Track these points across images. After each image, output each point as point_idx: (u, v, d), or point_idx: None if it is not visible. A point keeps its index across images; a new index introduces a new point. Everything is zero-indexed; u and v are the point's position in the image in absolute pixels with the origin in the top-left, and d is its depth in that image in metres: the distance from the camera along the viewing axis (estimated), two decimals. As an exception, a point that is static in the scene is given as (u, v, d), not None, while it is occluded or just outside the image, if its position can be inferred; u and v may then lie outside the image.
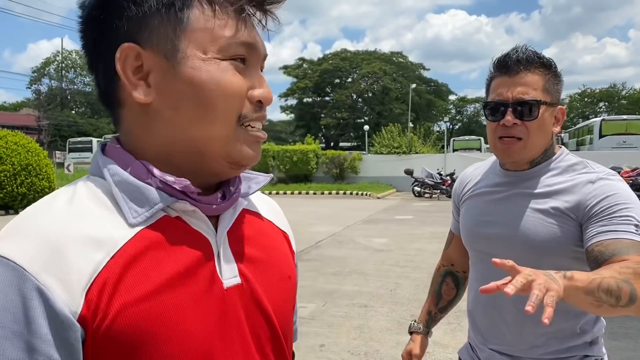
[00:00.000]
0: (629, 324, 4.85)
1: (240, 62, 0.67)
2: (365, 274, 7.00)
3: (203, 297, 0.66)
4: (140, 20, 0.64)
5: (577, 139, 31.13)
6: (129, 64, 0.65)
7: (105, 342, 0.58)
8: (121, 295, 0.59)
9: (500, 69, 1.41)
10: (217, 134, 0.67)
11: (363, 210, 15.39)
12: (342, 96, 50.59)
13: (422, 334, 1.73)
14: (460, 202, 1.63)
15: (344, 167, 25.09)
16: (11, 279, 0.55)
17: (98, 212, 0.64)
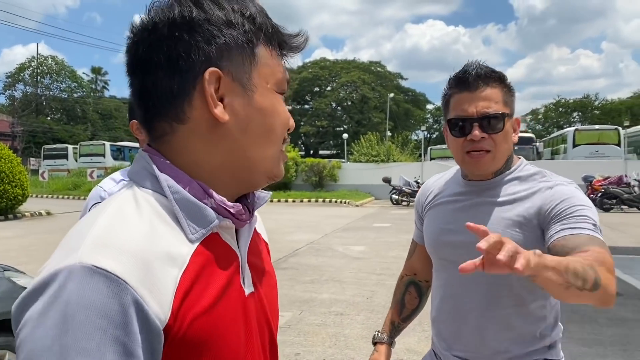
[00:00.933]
0: (598, 330, 4.95)
1: (282, 96, 0.78)
2: (342, 282, 7.02)
3: (237, 305, 0.73)
4: (224, 49, 0.71)
5: (552, 148, 31.72)
6: (211, 87, 0.71)
7: (176, 348, 0.64)
8: (191, 307, 0.65)
9: (460, 86, 1.45)
10: (270, 154, 0.77)
11: (342, 218, 15.44)
12: (322, 104, 50.82)
13: (385, 343, 1.74)
14: (424, 212, 1.66)
15: (323, 175, 25.15)
16: (114, 290, 0.58)
17: (164, 229, 0.68)
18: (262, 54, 0.74)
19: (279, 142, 0.77)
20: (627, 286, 6.74)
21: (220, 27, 0.71)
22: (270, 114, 0.75)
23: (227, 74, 0.71)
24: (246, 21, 0.72)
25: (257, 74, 0.74)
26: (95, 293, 0.57)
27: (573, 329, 4.99)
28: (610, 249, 4.87)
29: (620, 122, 35.44)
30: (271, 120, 0.75)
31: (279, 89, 0.77)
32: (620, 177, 18.12)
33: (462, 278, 1.48)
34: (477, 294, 1.45)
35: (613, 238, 11.29)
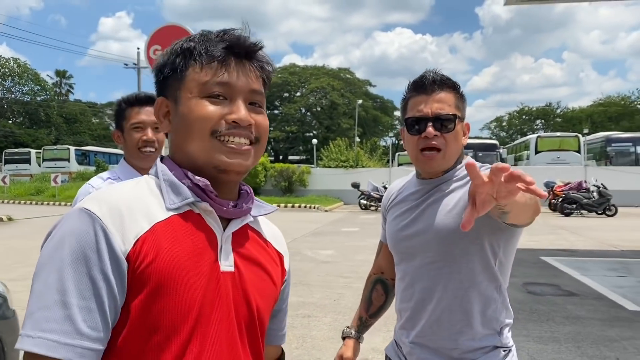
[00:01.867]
0: (555, 329, 5.17)
1: (218, 98, 0.94)
2: (310, 285, 7.10)
3: (204, 271, 0.90)
4: (163, 82, 0.99)
5: (515, 155, 32.52)
6: (161, 110, 1.00)
7: (138, 279, 0.85)
8: (151, 253, 0.86)
9: (417, 89, 1.58)
10: (197, 147, 0.94)
11: (311, 223, 15.53)
12: (291, 110, 50.94)
13: (353, 338, 1.84)
14: (387, 212, 1.78)
15: (292, 180, 25.23)
16: (90, 221, 0.84)
17: (149, 197, 0.93)
18: (189, 73, 0.95)
19: (200, 135, 0.93)
20: (583, 287, 7.03)
21: (160, 69, 0.99)
22: (188, 116, 0.94)
23: (170, 98, 0.98)
24: (174, 56, 0.97)
25: (184, 90, 0.95)
26: (79, 223, 0.84)
27: (531, 328, 5.19)
28: (569, 252, 5.18)
29: (580, 130, 36.61)
30: (188, 121, 0.94)
31: (202, 93, 0.94)
32: (580, 183, 18.76)
33: (418, 265, 1.59)
34: (431, 280, 1.56)
35: (572, 241, 11.70)
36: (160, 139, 2.09)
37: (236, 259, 0.96)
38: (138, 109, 2.06)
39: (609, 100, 57.20)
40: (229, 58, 0.95)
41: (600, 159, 27.85)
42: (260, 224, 1.09)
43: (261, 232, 1.07)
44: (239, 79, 0.95)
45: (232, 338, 0.92)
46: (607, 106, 55.65)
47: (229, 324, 0.92)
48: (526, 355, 4.44)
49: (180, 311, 0.86)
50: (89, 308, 0.80)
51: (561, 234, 13.17)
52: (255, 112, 0.98)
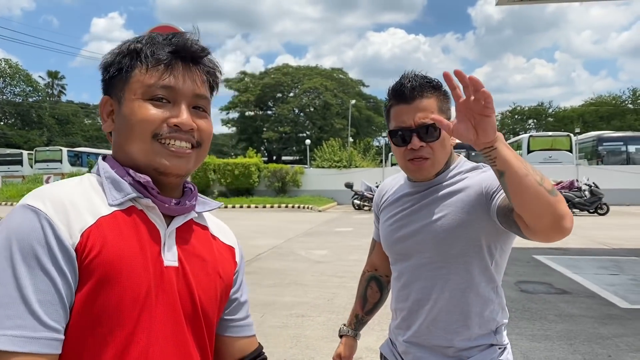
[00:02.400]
0: (547, 326, 5.20)
1: (161, 101, 0.96)
2: (304, 285, 7.10)
3: (148, 265, 0.92)
4: (109, 81, 1.00)
5: (508, 154, 32.60)
6: (105, 109, 1.01)
7: (84, 272, 0.86)
8: (97, 246, 0.87)
9: (397, 98, 1.54)
10: (138, 148, 0.96)
11: (304, 223, 15.53)
12: (284, 110, 50.88)
13: (350, 336, 1.85)
14: (379, 211, 1.78)
15: (286, 180, 25.22)
16: (35, 216, 0.85)
17: (92, 193, 0.94)
18: (134, 74, 0.97)
19: (141, 137, 0.95)
20: (575, 285, 7.07)
21: (106, 68, 1.00)
22: (129, 117, 0.96)
23: (114, 97, 1.00)
24: (120, 57, 0.99)
25: (128, 90, 0.97)
26: (24, 219, 0.85)
27: (524, 326, 5.22)
28: (561, 250, 5.20)
29: (572, 129, 36.80)
30: (130, 122, 0.96)
31: (146, 95, 0.96)
32: (572, 182, 18.86)
33: (414, 266, 1.59)
34: (428, 280, 1.56)
35: (565, 240, 11.68)
36: None
37: (180, 254, 0.97)
38: None
39: (601, 100, 57.56)
40: (176, 62, 0.97)
41: (591, 158, 28.04)
42: (206, 219, 1.11)
43: (208, 227, 1.10)
44: (184, 83, 0.97)
45: (179, 331, 0.94)
46: (599, 106, 56.00)
47: (175, 318, 0.94)
48: (519, 354, 4.46)
49: (124, 304, 0.88)
50: (49, 300, 0.82)
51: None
52: (199, 117, 1.00)
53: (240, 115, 54.05)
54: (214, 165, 25.29)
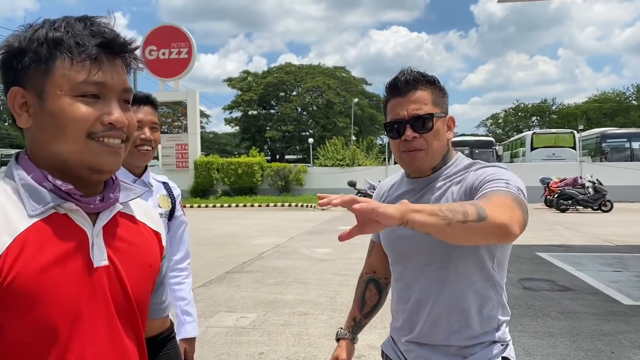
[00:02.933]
0: (550, 323, 5.19)
1: (91, 97, 0.90)
2: (306, 283, 7.11)
3: (77, 272, 0.89)
4: (21, 71, 0.90)
5: (511, 152, 32.60)
6: (17, 101, 0.91)
7: (3, 294, 0.82)
8: (17, 266, 0.83)
9: (392, 92, 1.57)
10: (71, 148, 0.90)
11: (307, 222, 15.55)
12: (287, 109, 50.87)
13: (348, 339, 1.82)
14: None
15: (289, 179, 25.24)
16: None
17: (7, 205, 0.87)
18: (56, 67, 0.89)
19: (74, 137, 0.90)
20: (578, 282, 7.06)
21: (15, 55, 0.90)
22: (59, 115, 0.89)
23: (29, 89, 0.90)
24: (37, 44, 0.89)
25: (51, 84, 0.89)
26: None
27: (526, 323, 5.22)
28: (565, 247, 5.19)
29: (576, 126, 36.70)
30: (60, 121, 0.89)
31: (75, 92, 0.89)
32: (576, 179, 18.82)
33: (414, 267, 1.59)
34: (428, 282, 1.56)
35: (568, 237, 11.75)
36: (157, 138, 2.10)
37: (109, 252, 0.95)
38: (136, 108, 2.05)
39: (604, 97, 57.38)
40: (102, 55, 0.91)
41: (595, 155, 27.95)
42: (131, 206, 1.08)
43: (133, 215, 1.07)
44: (112, 78, 0.92)
45: (112, 330, 0.94)
46: (602, 102, 55.83)
47: (108, 317, 0.94)
48: (522, 350, 4.46)
49: (54, 319, 0.86)
50: None
51: (557, 229, 13.22)
52: (125, 110, 0.96)
53: (243, 114, 54.08)
54: (217, 164, 25.32)
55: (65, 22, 0.91)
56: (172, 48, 25.30)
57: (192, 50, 25.38)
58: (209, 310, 5.82)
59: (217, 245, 10.78)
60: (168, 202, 2.20)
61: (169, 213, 2.19)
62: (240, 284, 7.18)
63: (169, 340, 1.20)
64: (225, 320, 5.43)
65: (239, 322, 5.34)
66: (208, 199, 24.33)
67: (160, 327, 1.18)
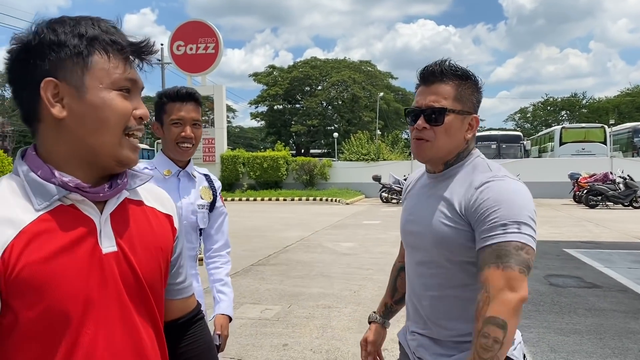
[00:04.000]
0: (577, 320, 5.13)
1: (125, 92, 0.96)
2: (330, 277, 7.16)
3: (85, 259, 0.93)
4: (57, 62, 0.92)
5: (539, 146, 32.04)
6: (49, 91, 0.92)
7: (13, 286, 0.87)
8: (24, 257, 0.87)
9: (421, 79, 1.59)
10: (107, 140, 0.95)
11: (332, 216, 15.58)
12: (313, 103, 50.85)
13: (378, 323, 1.89)
14: (404, 202, 1.81)
15: (314, 173, 25.27)
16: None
17: (13, 201, 0.91)
18: (97, 61, 0.94)
19: (114, 131, 0.96)
20: (607, 279, 6.95)
21: (51, 47, 0.92)
22: (102, 108, 0.94)
23: (64, 80, 0.93)
24: (77, 39, 0.93)
25: (90, 77, 0.93)
26: None
27: (552, 320, 5.17)
28: (593, 243, 5.15)
29: (607, 121, 35.84)
30: (103, 114, 0.94)
31: (115, 86, 0.95)
32: (606, 174, 18.39)
33: (417, 262, 1.62)
34: (428, 276, 1.58)
35: (597, 233, 11.53)
36: (198, 135, 2.13)
37: (117, 237, 0.98)
38: (179, 105, 2.08)
39: (637, 90, 55.70)
40: (132, 55, 0.98)
41: (626, 150, 27.29)
42: (139, 192, 1.10)
43: (142, 200, 1.09)
44: (139, 76, 1.00)
45: (125, 313, 0.98)
46: (635, 96, 54.23)
47: (120, 301, 0.97)
48: (546, 347, 4.43)
49: (65, 305, 0.90)
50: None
51: (585, 225, 12.98)
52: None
53: (269, 108, 54.25)
54: (243, 158, 25.51)
55: (96, 22, 0.96)
56: (199, 43, 25.52)
57: (219, 45, 25.57)
58: (235, 302, 5.84)
59: (243, 238, 10.91)
60: (210, 193, 2.24)
61: (210, 204, 2.24)
62: (265, 277, 7.28)
63: (192, 323, 1.21)
64: (250, 312, 5.52)
65: (263, 314, 5.43)
66: (234, 192, 24.57)
67: (183, 309, 1.19)
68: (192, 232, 2.16)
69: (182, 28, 26.00)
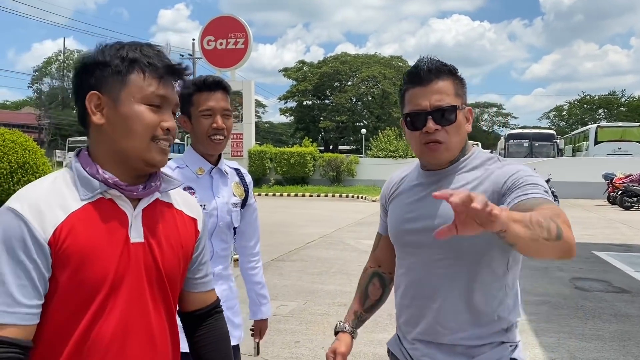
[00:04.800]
0: (600, 326, 4.96)
1: (154, 106, 1.15)
2: (349, 274, 7.10)
3: (116, 245, 1.12)
4: (102, 78, 1.14)
5: (574, 145, 31.21)
6: (93, 102, 1.14)
7: (59, 259, 1.07)
8: (69, 237, 1.07)
9: (413, 81, 1.51)
10: (135, 145, 1.14)
11: (357, 213, 15.51)
12: (342, 99, 50.70)
13: (347, 332, 1.78)
14: (387, 204, 1.73)
15: (340, 169, 25.21)
16: (14, 217, 1.06)
17: (64, 190, 1.12)
18: (132, 79, 1.13)
19: (142, 138, 1.14)
20: (636, 283, 6.71)
21: (98, 66, 1.14)
22: (131, 118, 1.13)
23: (105, 93, 1.14)
24: (118, 60, 1.13)
25: (126, 92, 1.13)
26: (6, 220, 1.06)
27: (574, 324, 5.01)
28: (625, 247, 4.95)
29: (646, 120, 34.62)
30: (131, 123, 1.13)
31: (145, 101, 1.14)
32: (642, 175, 17.78)
33: (424, 262, 1.54)
34: (438, 276, 1.51)
35: (630, 236, 11.16)
36: (229, 126, 2.01)
37: (145, 231, 1.18)
38: (207, 95, 1.96)
39: (680, 88, 53.74)
40: (167, 75, 1.17)
41: (666, 150, 26.30)
42: (171, 196, 1.30)
43: (172, 203, 1.29)
44: (172, 94, 1.19)
45: (142, 296, 1.16)
46: (677, 94, 52.31)
47: (140, 285, 1.16)
48: (566, 353, 4.30)
49: (97, 279, 1.09)
50: (23, 284, 1.04)
51: (619, 228, 12.57)
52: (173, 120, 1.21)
53: (298, 104, 54.35)
54: (271, 153, 25.61)
55: (138, 47, 1.16)
56: (229, 38, 25.69)
57: (249, 40, 25.69)
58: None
59: (266, 233, 10.91)
60: (241, 189, 2.15)
61: (242, 201, 2.15)
62: (283, 272, 7.27)
63: (209, 315, 1.38)
64: (265, 307, 5.50)
65: (279, 310, 5.41)
66: (261, 187, 24.69)
67: (202, 302, 1.37)
68: (227, 231, 2.08)
69: (213, 23, 26.21)
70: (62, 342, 1.09)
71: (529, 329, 4.90)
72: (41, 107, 48.71)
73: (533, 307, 5.62)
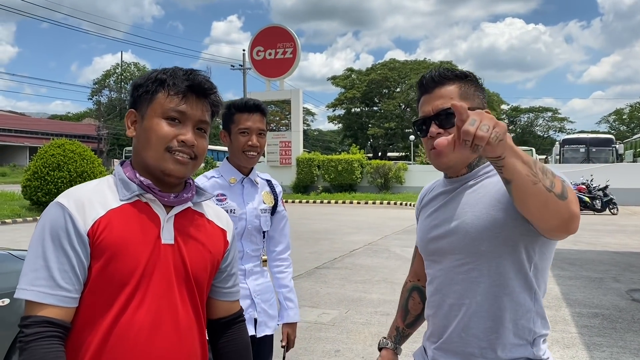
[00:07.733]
0: (658, 341, 4.69)
1: (173, 121, 1.27)
2: (393, 283, 7.03)
3: (147, 243, 1.24)
4: (137, 98, 1.31)
5: (635, 150, 29.78)
6: (130, 119, 1.32)
7: (96, 250, 1.20)
8: (106, 231, 1.20)
9: (420, 90, 1.53)
10: (151, 155, 1.27)
11: (404, 221, 15.33)
12: (390, 106, 50.39)
13: (390, 349, 1.77)
14: (418, 214, 1.72)
15: (388, 177, 25.02)
16: (61, 210, 1.20)
17: (106, 191, 1.27)
18: (158, 97, 1.27)
19: (157, 148, 1.26)
20: (700, 297, 6.30)
21: (136, 87, 1.31)
22: (149, 130, 1.27)
23: (139, 111, 1.30)
24: (150, 82, 1.28)
25: (150, 108, 1.28)
26: (54, 212, 1.21)
27: (629, 339, 4.76)
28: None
29: None
30: (149, 135, 1.27)
31: (164, 115, 1.26)
32: None
33: (446, 269, 1.51)
34: (460, 284, 1.48)
35: (695, 246, 10.51)
36: (262, 144, 2.28)
37: (176, 234, 1.29)
38: (247, 116, 2.24)
39: None
40: (190, 93, 1.27)
41: None
42: (204, 207, 1.42)
43: (204, 213, 1.40)
44: (193, 110, 1.28)
45: (170, 292, 1.26)
46: None
47: (168, 282, 1.25)
48: (619, 369, 4.09)
49: (127, 271, 1.20)
50: (65, 270, 1.17)
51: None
52: (199, 136, 1.30)
53: (346, 111, 54.37)
54: (318, 161, 25.72)
55: (172, 70, 1.29)
56: (277, 48, 26.09)
57: (297, 49, 25.99)
58: (294, 304, 5.94)
59: (311, 240, 11.00)
60: (271, 198, 2.39)
61: (272, 208, 2.39)
62: (327, 280, 7.27)
63: (234, 324, 1.47)
64: (307, 315, 5.52)
65: (320, 318, 5.42)
66: (309, 194, 24.84)
67: (227, 310, 1.46)
68: (256, 234, 2.32)
69: (262, 34, 26.69)
70: (92, 330, 1.19)
71: (580, 342, 4.70)
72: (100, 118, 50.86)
73: (585, 319, 5.39)
